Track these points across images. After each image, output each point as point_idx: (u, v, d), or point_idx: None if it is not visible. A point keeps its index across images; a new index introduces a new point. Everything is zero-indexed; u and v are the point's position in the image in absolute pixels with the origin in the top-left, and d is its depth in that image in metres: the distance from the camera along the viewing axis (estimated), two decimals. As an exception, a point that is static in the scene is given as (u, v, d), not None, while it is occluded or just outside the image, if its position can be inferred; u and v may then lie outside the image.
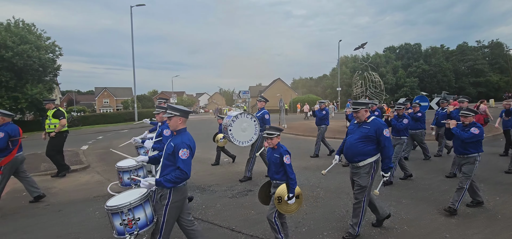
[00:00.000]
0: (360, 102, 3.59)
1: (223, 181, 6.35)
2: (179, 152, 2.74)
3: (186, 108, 2.99)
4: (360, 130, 3.56)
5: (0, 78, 19.08)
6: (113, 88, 71.58)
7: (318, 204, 4.82)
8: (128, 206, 2.65)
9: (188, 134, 2.94)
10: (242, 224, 4.12)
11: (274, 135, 3.33)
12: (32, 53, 20.11)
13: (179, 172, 2.70)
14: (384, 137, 3.42)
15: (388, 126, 6.02)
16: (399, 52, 61.53)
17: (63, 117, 6.81)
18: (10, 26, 20.67)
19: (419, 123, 7.95)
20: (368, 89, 18.99)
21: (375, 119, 3.52)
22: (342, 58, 66.70)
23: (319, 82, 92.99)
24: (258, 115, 6.32)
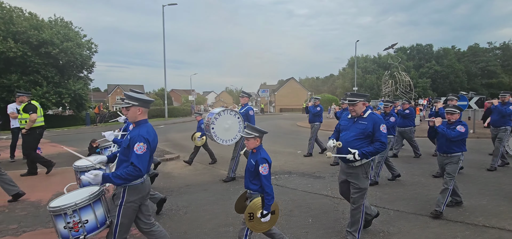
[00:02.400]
0: (358, 94, 3.23)
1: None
2: (135, 146, 2.43)
3: (146, 97, 2.66)
4: (356, 126, 3.23)
5: (47, 74, 19.81)
6: (124, 85, 72.33)
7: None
8: (73, 206, 2.37)
9: (148, 126, 2.63)
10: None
11: (251, 135, 2.86)
12: (75, 50, 20.86)
13: (131, 168, 2.39)
14: (380, 133, 3.10)
15: None
16: (410, 53, 62.02)
17: (33, 112, 6.21)
18: (54, 23, 21.41)
19: (408, 120, 7.89)
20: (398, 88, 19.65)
21: (372, 113, 3.23)
22: (352, 58, 67.27)
23: (326, 82, 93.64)
24: (242, 112, 6.01)
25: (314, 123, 8.56)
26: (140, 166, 2.41)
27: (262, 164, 2.76)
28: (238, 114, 5.84)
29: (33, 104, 6.36)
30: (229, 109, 5.86)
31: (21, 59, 18.44)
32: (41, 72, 19.58)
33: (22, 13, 20.44)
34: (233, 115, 5.79)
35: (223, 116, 5.73)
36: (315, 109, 8.49)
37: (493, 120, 6.84)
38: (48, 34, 19.27)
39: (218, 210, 4.55)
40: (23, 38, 18.52)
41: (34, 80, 19.36)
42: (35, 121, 6.23)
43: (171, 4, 25.88)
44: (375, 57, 61.15)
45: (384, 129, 3.13)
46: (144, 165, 2.45)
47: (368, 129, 3.13)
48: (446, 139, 4.07)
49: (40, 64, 19.41)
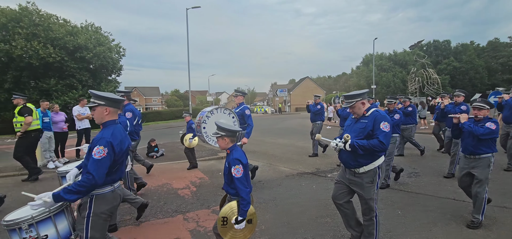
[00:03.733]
0: (354, 94, 2.91)
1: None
2: (93, 149, 2.19)
3: (115, 96, 2.42)
4: (357, 125, 2.94)
5: (81, 78, 20.65)
6: (141, 87, 73.88)
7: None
8: (30, 220, 2.16)
9: (116, 128, 2.38)
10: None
11: (218, 134, 2.64)
12: (106, 54, 21.66)
13: (84, 176, 2.14)
14: (380, 130, 2.74)
15: None
16: (427, 50, 61.03)
17: (29, 115, 6.07)
18: (86, 29, 22.28)
19: (410, 117, 7.70)
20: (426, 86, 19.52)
21: (375, 111, 2.91)
22: (367, 56, 66.68)
23: (337, 81, 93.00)
24: (237, 112, 5.56)
25: (316, 122, 8.35)
26: (95, 172, 2.12)
27: (235, 165, 2.52)
28: (233, 114, 5.37)
29: (28, 107, 6.20)
30: (222, 107, 5.41)
31: (58, 64, 19.31)
32: (76, 76, 20.44)
33: (57, 20, 21.37)
34: (227, 114, 5.32)
35: (216, 114, 5.25)
36: (316, 107, 8.27)
37: (505, 116, 6.38)
38: (83, 40, 20.10)
39: (305, 203, 4.80)
40: (60, 44, 19.38)
41: (70, 84, 20.22)
42: (30, 124, 6.09)
43: (195, 7, 26.42)
44: (390, 55, 60.43)
45: (386, 127, 2.76)
46: (100, 172, 2.15)
47: (368, 128, 2.82)
48: (473, 138, 3.61)
49: (75, 69, 20.26)
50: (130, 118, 4.85)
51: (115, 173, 2.41)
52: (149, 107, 64.95)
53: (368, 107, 2.96)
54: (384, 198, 4.84)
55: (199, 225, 4.06)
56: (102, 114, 2.37)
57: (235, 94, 5.87)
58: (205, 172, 7.06)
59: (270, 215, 4.39)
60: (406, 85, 53.05)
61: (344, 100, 3.06)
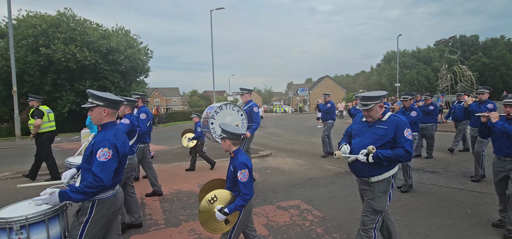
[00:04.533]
0: (372, 96, 2.62)
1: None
2: (98, 151, 2.13)
3: (114, 96, 2.35)
4: (373, 130, 2.64)
5: (114, 79, 21.49)
6: (161, 88, 75.75)
7: None
8: (23, 221, 2.04)
9: (116, 130, 2.33)
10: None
11: (222, 136, 2.61)
12: (137, 56, 22.42)
13: (91, 179, 2.07)
14: (404, 138, 2.50)
15: None
16: (453, 45, 58.66)
17: (39, 117, 6.21)
18: (116, 33, 23.16)
19: (431, 116, 7.36)
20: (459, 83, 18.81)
21: (392, 115, 2.66)
22: (388, 53, 64.96)
23: (356, 79, 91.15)
24: (245, 109, 5.46)
25: (327, 121, 8.21)
26: (102, 175, 2.07)
27: (241, 169, 2.48)
28: (242, 111, 5.22)
29: (40, 110, 6.32)
30: (231, 104, 5.26)
31: (93, 67, 20.21)
32: (109, 78, 21.30)
33: (90, 25, 22.35)
34: (236, 111, 5.19)
35: (224, 110, 5.11)
36: (326, 106, 8.16)
37: None
38: (115, 43, 20.92)
39: None
40: (94, 47, 20.27)
41: (103, 86, 21.09)
42: (39, 127, 6.23)
43: (219, 9, 26.83)
44: (413, 51, 58.63)
45: (409, 134, 2.53)
46: (107, 175, 2.10)
47: (388, 135, 2.54)
48: (508, 138, 3.38)
49: (108, 71, 21.12)
50: (144, 120, 4.94)
51: (118, 176, 2.33)
52: (169, 108, 66.46)
53: (384, 110, 2.69)
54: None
55: (270, 220, 4.20)
56: (101, 115, 2.29)
57: (241, 93, 5.70)
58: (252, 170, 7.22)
59: (336, 211, 4.48)
60: (431, 83, 51.33)
61: (360, 102, 2.71)
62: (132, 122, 3.96)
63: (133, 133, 4.00)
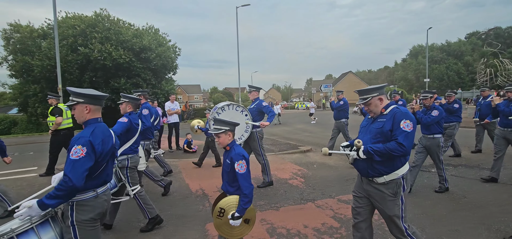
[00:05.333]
0: (368, 89, 2.51)
1: None
2: (71, 150, 2.00)
3: (95, 92, 2.23)
4: (374, 125, 2.52)
5: (146, 77, 22.27)
6: (183, 85, 77.50)
7: None
8: (9, 233, 1.94)
9: (98, 126, 2.20)
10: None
11: (220, 130, 2.48)
12: (167, 54, 23.08)
13: (62, 179, 1.96)
14: (399, 130, 2.32)
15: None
16: (486, 38, 55.43)
17: (59, 115, 6.49)
18: (147, 31, 23.94)
19: (454, 115, 6.86)
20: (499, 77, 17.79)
21: (395, 107, 2.48)
22: (415, 48, 62.51)
23: (379, 75, 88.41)
24: (253, 107, 5.36)
25: (340, 120, 7.91)
26: (71, 175, 1.92)
27: (238, 160, 2.40)
28: (246, 111, 5.14)
29: (59, 107, 6.62)
30: (235, 104, 5.15)
31: (127, 65, 21.03)
32: (141, 76, 22.10)
33: (123, 24, 23.24)
34: (240, 112, 5.09)
35: (227, 111, 5.00)
36: (338, 103, 7.87)
37: None
38: (147, 41, 21.64)
39: (431, 196, 4.89)
40: (128, 46, 21.08)
41: (136, 83, 21.91)
42: (60, 124, 6.52)
43: (245, 5, 26.97)
44: (443, 45, 56.06)
45: (407, 126, 2.33)
46: (77, 174, 1.94)
47: (386, 128, 2.40)
48: None
49: (140, 69, 21.90)
50: (147, 115, 5.04)
51: (99, 176, 2.19)
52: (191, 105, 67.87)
53: (387, 104, 2.52)
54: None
55: (336, 213, 4.27)
56: (83, 112, 2.18)
57: (249, 90, 5.56)
58: (299, 165, 7.30)
59: (423, 201, 4.50)
60: (462, 78, 48.85)
61: (359, 97, 2.61)
62: (130, 120, 3.85)
63: (133, 131, 3.90)
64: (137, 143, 4.02)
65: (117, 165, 3.74)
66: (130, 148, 3.86)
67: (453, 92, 7.24)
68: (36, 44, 20.50)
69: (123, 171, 3.76)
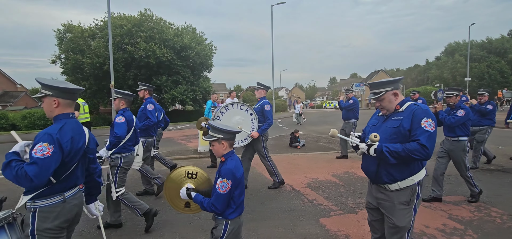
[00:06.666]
0: (382, 82, 2.24)
1: None
2: (34, 147, 1.77)
3: (67, 85, 2.02)
4: (388, 124, 2.22)
5: (185, 74, 22.91)
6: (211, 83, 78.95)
7: None
8: None
9: (68, 123, 1.96)
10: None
11: (213, 138, 2.13)
12: (205, 52, 23.58)
13: (23, 171, 1.74)
14: (420, 129, 2.03)
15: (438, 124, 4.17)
16: (532, 35, 51.53)
17: (76, 110, 6.21)
18: (186, 30, 24.60)
19: (487, 118, 6.05)
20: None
21: (412, 104, 2.18)
22: (451, 45, 59.43)
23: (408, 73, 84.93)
24: (256, 107, 5.11)
25: (349, 120, 7.51)
26: (32, 173, 1.70)
27: (223, 178, 2.05)
28: (251, 110, 4.96)
29: (76, 102, 6.66)
30: (239, 103, 5.02)
31: (168, 63, 21.73)
32: (181, 73, 22.77)
33: (164, 23, 24.01)
34: (245, 111, 4.92)
35: (231, 110, 4.86)
36: (347, 103, 7.51)
37: None
38: (187, 40, 22.23)
39: None
40: (170, 45, 21.77)
41: (176, 80, 22.62)
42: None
43: (280, 3, 26.90)
44: (483, 42, 52.76)
45: (430, 125, 2.03)
46: (38, 173, 1.72)
47: (404, 127, 2.10)
48: None
49: (180, 66, 22.57)
50: (152, 110, 4.84)
51: (67, 179, 1.95)
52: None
53: (402, 100, 2.22)
54: None
55: (449, 213, 4.13)
56: (51, 106, 1.96)
57: (256, 87, 5.25)
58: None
59: None
60: (505, 77, 45.77)
61: (370, 91, 2.34)
62: (127, 119, 3.69)
63: (128, 129, 3.72)
64: (132, 140, 3.79)
65: (109, 163, 3.62)
66: (124, 146, 3.66)
67: (486, 92, 6.45)
68: (86, 43, 21.71)
69: (113, 169, 3.60)
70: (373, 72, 57.23)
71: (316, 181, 5.81)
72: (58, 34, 22.45)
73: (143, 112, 4.92)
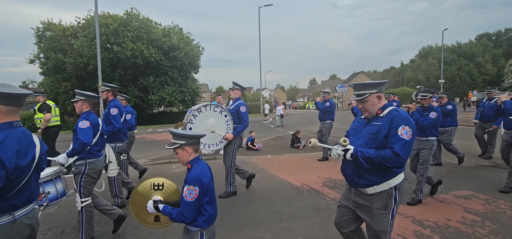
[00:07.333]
0: (368, 84, 2.23)
1: None
2: None
3: (9, 89, 1.72)
4: (367, 129, 2.23)
5: (173, 75, 22.49)
6: (191, 84, 77.72)
7: None
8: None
9: (12, 133, 1.72)
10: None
11: (175, 145, 2.02)
12: (194, 53, 23.30)
13: None
14: (396, 137, 2.04)
15: None
16: (496, 39, 55.67)
17: (47, 112, 6.33)
18: (173, 31, 24.15)
19: (449, 118, 6.51)
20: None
21: (393, 110, 2.18)
22: (424, 48, 62.66)
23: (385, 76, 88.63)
24: (231, 108, 4.94)
25: (325, 121, 7.62)
26: None
27: (190, 185, 1.94)
28: (225, 111, 4.73)
29: (47, 104, 6.47)
30: (213, 105, 4.75)
31: (156, 63, 21.24)
32: (169, 74, 22.34)
33: (150, 22, 23.44)
34: (218, 113, 4.67)
35: (204, 113, 4.60)
36: (324, 105, 7.57)
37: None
38: (176, 40, 21.85)
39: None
40: (158, 45, 21.29)
41: (164, 81, 22.15)
42: (49, 121, 6.36)
43: (267, 5, 27.16)
44: (453, 46, 56.19)
45: (406, 133, 2.04)
46: None
47: (382, 133, 2.11)
48: None
49: (168, 67, 22.13)
50: (116, 115, 4.46)
51: (17, 196, 1.73)
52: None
53: (384, 104, 2.22)
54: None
55: (465, 207, 4.44)
56: None
57: (232, 87, 5.07)
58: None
59: None
60: (474, 79, 48.98)
61: (354, 91, 2.33)
62: (92, 122, 3.38)
63: (94, 134, 3.44)
64: (99, 145, 3.54)
65: (73, 170, 3.36)
66: (90, 151, 3.36)
67: (445, 94, 6.90)
68: (68, 42, 20.70)
69: (77, 177, 3.31)
70: (353, 74, 59.13)
71: (330, 180, 5.99)
72: (37, 32, 21.24)
73: (107, 117, 4.55)
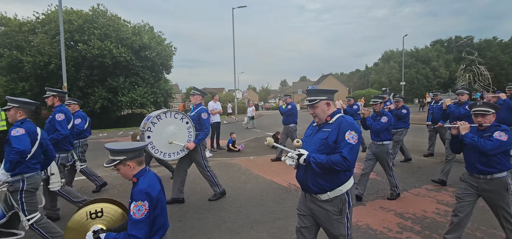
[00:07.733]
0: (320, 90, 2.33)
1: None
2: None
3: None
4: (318, 135, 2.31)
5: (144, 76, 21.65)
6: (161, 85, 75.07)
7: None
8: None
9: None
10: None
11: (114, 161, 1.89)
12: (166, 52, 22.65)
13: None
14: (344, 142, 2.14)
15: (365, 128, 4.92)
16: (448, 45, 61.23)
17: None
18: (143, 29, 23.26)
19: (402, 121, 6.93)
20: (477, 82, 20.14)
21: (341, 117, 2.29)
22: (387, 53, 66.94)
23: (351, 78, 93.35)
24: (192, 115, 4.77)
25: (289, 125, 7.85)
26: None
27: (137, 201, 1.79)
28: (187, 118, 4.52)
29: None
30: (173, 111, 4.49)
31: (126, 63, 20.31)
32: (140, 74, 21.47)
33: (119, 20, 22.35)
34: (179, 119, 4.45)
35: (164, 120, 4.33)
36: (286, 108, 7.84)
37: (500, 117, 5.39)
38: (147, 39, 21.07)
39: None
40: (128, 44, 20.36)
41: (135, 82, 21.25)
42: None
43: (241, 7, 27.21)
44: (412, 51, 60.75)
45: (352, 138, 2.14)
46: None
47: (331, 139, 2.20)
48: (480, 153, 2.83)
49: (139, 67, 21.26)
50: (63, 121, 4.13)
51: None
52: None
53: (333, 112, 2.33)
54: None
55: (438, 200, 4.89)
56: None
57: (192, 93, 4.90)
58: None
59: None
60: (430, 82, 53.44)
61: (306, 97, 2.43)
62: (27, 130, 3.07)
63: (31, 143, 3.12)
64: (37, 158, 3.21)
65: (8, 188, 3.00)
66: (26, 164, 3.04)
67: (401, 98, 7.25)
68: (25, 39, 19.01)
69: (15, 195, 2.94)
70: (323, 75, 61.27)
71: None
72: (-11, 26, 19.24)
73: (51, 123, 4.19)
